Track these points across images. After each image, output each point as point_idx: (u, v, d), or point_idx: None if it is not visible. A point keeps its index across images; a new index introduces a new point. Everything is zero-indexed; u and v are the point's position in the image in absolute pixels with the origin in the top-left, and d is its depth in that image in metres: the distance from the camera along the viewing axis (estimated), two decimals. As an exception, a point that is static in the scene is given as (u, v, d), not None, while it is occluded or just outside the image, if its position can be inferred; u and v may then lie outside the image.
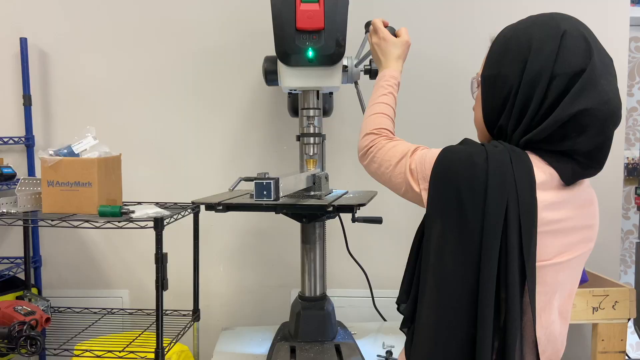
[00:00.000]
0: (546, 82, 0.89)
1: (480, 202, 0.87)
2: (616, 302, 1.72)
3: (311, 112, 1.63)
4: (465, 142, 0.98)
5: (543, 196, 0.89)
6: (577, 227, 0.93)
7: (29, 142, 2.00)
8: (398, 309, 1.06)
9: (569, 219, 0.92)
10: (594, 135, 0.89)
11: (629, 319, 1.75)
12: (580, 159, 0.92)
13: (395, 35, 1.30)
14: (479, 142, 1.03)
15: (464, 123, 1.15)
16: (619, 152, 2.06)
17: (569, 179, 0.92)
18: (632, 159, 2.84)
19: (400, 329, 1.06)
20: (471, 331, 0.89)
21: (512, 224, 0.86)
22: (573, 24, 0.92)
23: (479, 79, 1.02)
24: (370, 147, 1.10)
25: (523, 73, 0.91)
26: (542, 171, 0.91)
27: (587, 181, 0.97)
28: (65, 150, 1.60)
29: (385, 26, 1.33)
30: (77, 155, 1.60)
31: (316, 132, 1.64)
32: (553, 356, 0.99)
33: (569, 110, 0.87)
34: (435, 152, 0.96)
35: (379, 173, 1.08)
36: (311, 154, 1.64)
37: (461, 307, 0.89)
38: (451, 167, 0.91)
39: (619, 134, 2.04)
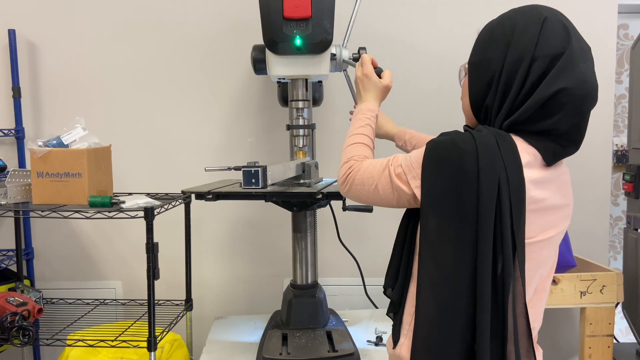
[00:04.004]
0: (527, 64, 0.94)
1: (474, 185, 0.91)
2: (604, 286, 1.74)
3: (300, 104, 1.63)
4: (444, 134, 0.99)
5: (529, 176, 0.94)
6: (558, 206, 0.98)
7: (18, 134, 1.99)
8: (385, 293, 1.08)
9: (551, 198, 0.96)
10: (572, 113, 0.93)
11: (617, 304, 1.78)
12: (559, 139, 0.96)
13: (380, 76, 1.31)
14: (468, 125, 1.08)
15: (459, 116, 1.17)
16: (608, 139, 2.08)
17: (550, 159, 0.96)
18: (621, 146, 2.86)
19: (387, 314, 1.09)
20: (471, 311, 0.93)
21: (504, 202, 0.91)
22: (553, 12, 0.98)
23: (466, 66, 1.06)
24: (349, 173, 1.09)
25: (506, 56, 0.96)
26: (527, 152, 0.95)
27: (564, 162, 1.02)
28: (55, 141, 1.59)
29: (375, 67, 1.33)
30: (67, 146, 1.60)
31: (305, 124, 1.64)
32: (535, 332, 1.02)
33: (549, 90, 0.92)
34: (419, 151, 0.98)
35: (364, 193, 1.07)
36: (300, 145, 1.65)
37: (462, 289, 0.93)
38: (441, 158, 0.94)
39: (607, 121, 2.07)
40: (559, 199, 0.97)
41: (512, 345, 0.92)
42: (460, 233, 0.92)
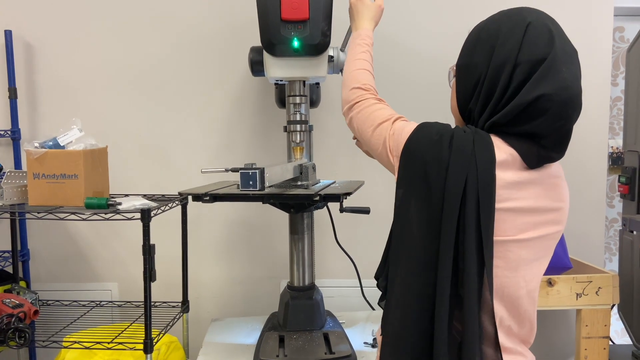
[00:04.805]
0: (510, 69, 0.94)
1: (443, 177, 0.94)
2: (599, 288, 1.75)
3: (297, 99, 1.63)
4: (446, 124, 1.02)
5: (503, 174, 0.95)
6: (541, 209, 0.97)
7: (14, 135, 1.99)
8: (377, 285, 1.11)
9: (531, 199, 0.96)
10: (553, 119, 0.94)
11: (612, 305, 1.78)
12: (542, 143, 0.96)
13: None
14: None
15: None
16: (603, 142, 2.08)
17: (533, 162, 0.96)
18: (617, 148, 2.87)
19: (378, 303, 1.12)
20: (432, 302, 0.94)
21: (470, 197, 0.92)
22: (539, 16, 0.98)
23: (455, 68, 1.07)
24: (358, 102, 1.14)
25: (490, 60, 0.97)
26: (503, 151, 0.96)
27: (555, 166, 1.01)
28: (51, 143, 1.59)
29: None
30: (63, 147, 1.59)
31: (302, 119, 1.64)
32: (526, 335, 1.02)
33: (530, 96, 0.92)
34: (412, 126, 1.02)
35: (361, 130, 1.12)
36: (298, 141, 1.65)
37: (425, 275, 0.95)
38: (421, 144, 0.98)
39: (603, 124, 2.07)
40: (543, 201, 0.97)
41: (476, 344, 0.93)
42: (427, 220, 0.95)
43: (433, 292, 0.94)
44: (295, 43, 1.46)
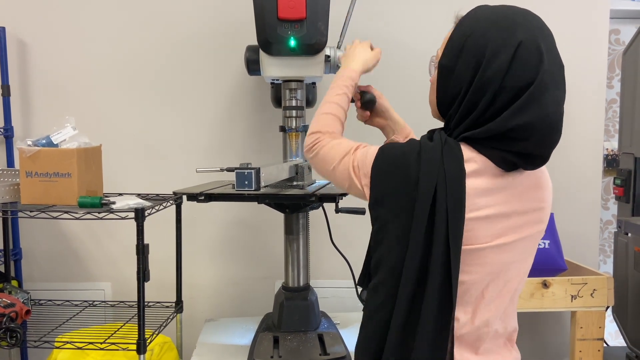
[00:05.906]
0: (493, 92, 0.91)
1: (413, 192, 0.94)
2: (594, 290, 1.75)
3: (293, 85, 1.60)
4: (410, 141, 1.02)
5: (475, 184, 0.94)
6: (519, 211, 0.96)
7: (7, 133, 1.97)
8: (363, 290, 1.11)
9: (507, 203, 0.95)
10: (532, 145, 0.92)
11: (607, 307, 1.79)
12: (517, 157, 0.94)
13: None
14: (433, 117, 1.09)
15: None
16: (599, 144, 2.09)
17: (507, 167, 0.95)
18: (612, 150, 2.88)
19: (363, 310, 1.11)
20: (407, 308, 0.94)
21: (440, 210, 0.92)
22: (530, 31, 0.91)
23: (437, 63, 1.03)
24: (315, 145, 1.15)
25: (474, 77, 0.93)
26: (474, 161, 0.95)
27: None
28: (44, 141, 1.58)
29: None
30: (56, 145, 1.58)
31: (298, 105, 1.62)
32: (512, 334, 1.04)
33: (510, 123, 0.90)
34: (374, 150, 1.02)
35: (323, 168, 1.13)
36: (293, 126, 1.63)
37: (397, 288, 0.95)
38: (387, 165, 0.99)
39: (598, 126, 2.08)
40: (520, 204, 0.96)
41: (451, 347, 0.94)
42: (399, 235, 0.95)
43: (409, 304, 0.94)
44: (292, 42, 1.45)
